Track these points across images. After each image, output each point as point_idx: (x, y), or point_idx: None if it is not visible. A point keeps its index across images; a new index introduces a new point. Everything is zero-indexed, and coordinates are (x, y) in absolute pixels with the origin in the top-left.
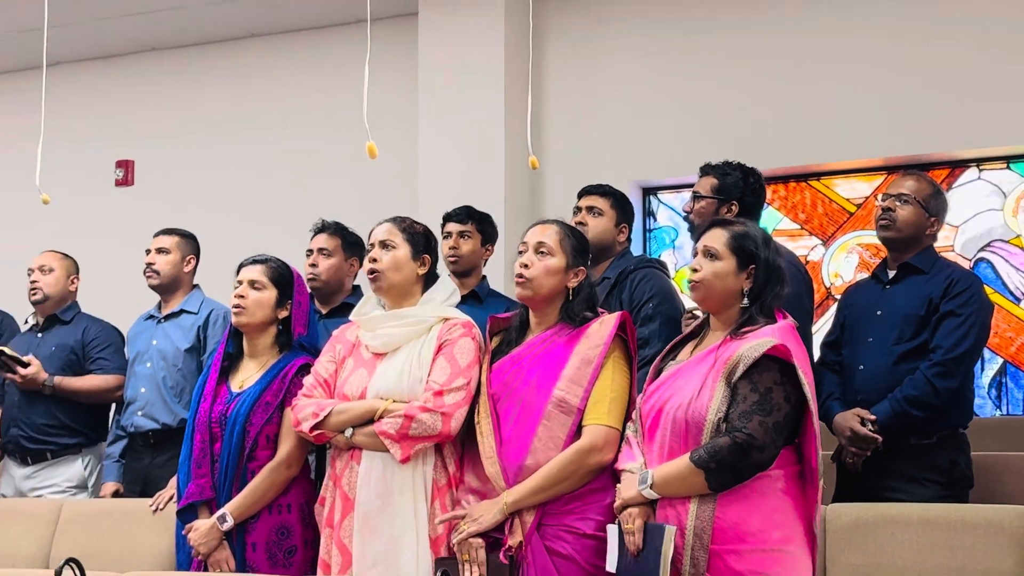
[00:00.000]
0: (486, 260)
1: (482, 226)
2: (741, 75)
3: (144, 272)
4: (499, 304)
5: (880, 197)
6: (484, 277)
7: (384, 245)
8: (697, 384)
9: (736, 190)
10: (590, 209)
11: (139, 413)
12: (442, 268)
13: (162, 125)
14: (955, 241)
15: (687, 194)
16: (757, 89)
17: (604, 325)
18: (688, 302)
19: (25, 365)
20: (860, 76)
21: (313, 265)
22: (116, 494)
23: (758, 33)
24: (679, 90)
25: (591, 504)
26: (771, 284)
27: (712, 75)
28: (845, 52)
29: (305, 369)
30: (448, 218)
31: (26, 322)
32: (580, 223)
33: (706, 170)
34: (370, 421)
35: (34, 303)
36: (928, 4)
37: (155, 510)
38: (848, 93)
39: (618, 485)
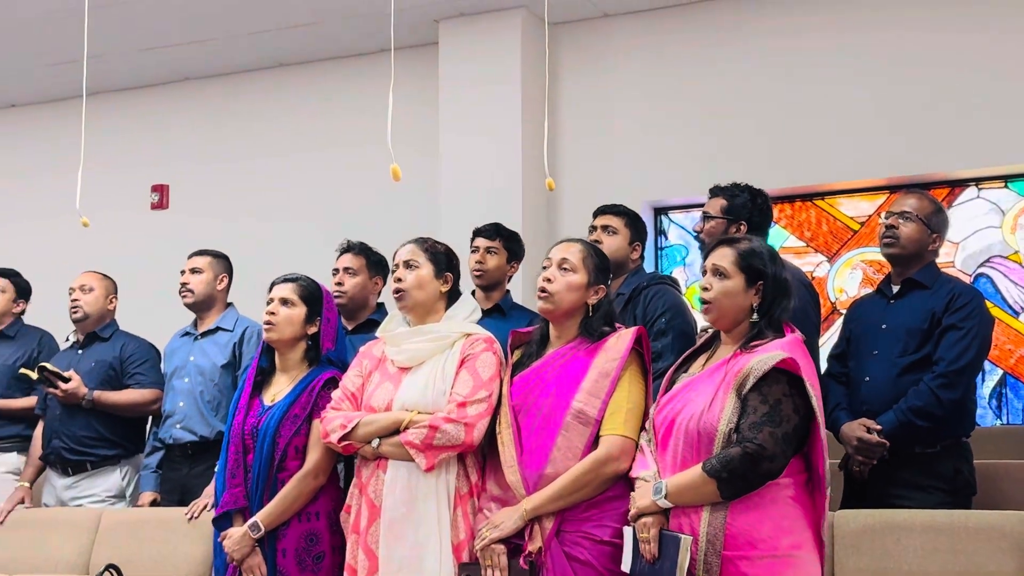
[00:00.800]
0: (511, 276)
1: (509, 243)
2: (748, 99)
3: (180, 291)
4: (522, 317)
5: (883, 215)
6: (508, 292)
7: (408, 265)
8: (708, 396)
9: (744, 210)
10: (605, 228)
11: (178, 426)
12: (466, 284)
13: (196, 151)
14: (956, 257)
15: (697, 213)
16: (763, 112)
17: (621, 339)
18: (699, 318)
19: (66, 380)
20: (862, 99)
21: (339, 283)
22: (153, 503)
23: (763, 59)
24: (688, 114)
25: (608, 511)
26: (779, 298)
27: (720, 99)
28: (847, 77)
29: (332, 383)
30: (477, 233)
31: (67, 339)
32: (596, 241)
33: (715, 192)
34: (396, 432)
35: (75, 321)
36: (927, 31)
37: (191, 518)
38: (851, 116)
39: (632, 493)
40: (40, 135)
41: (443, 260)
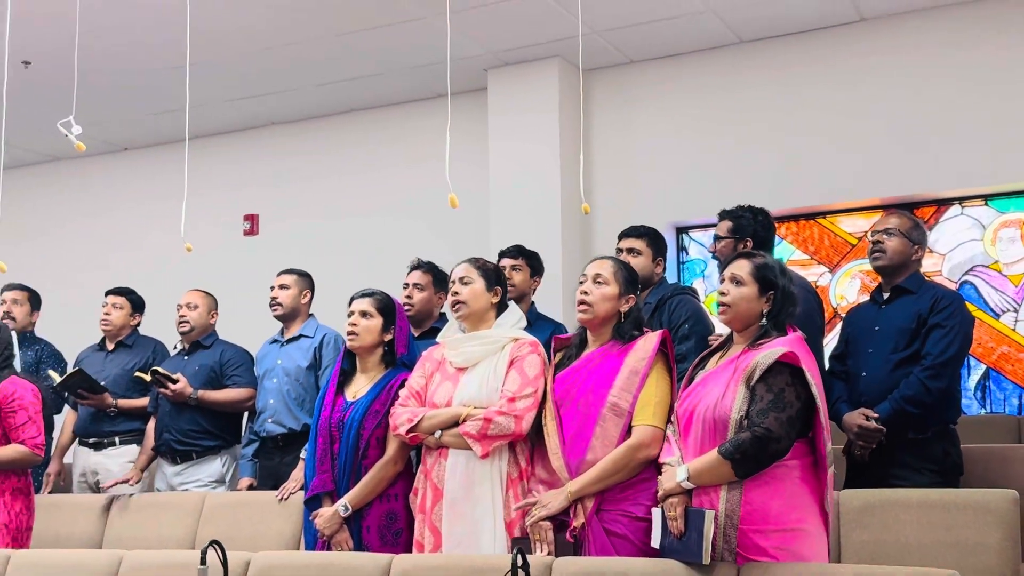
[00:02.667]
0: (534, 289)
1: (531, 261)
2: (757, 131)
3: (270, 304)
4: (546, 326)
5: (870, 233)
6: (533, 303)
7: (463, 280)
8: (721, 388)
9: (749, 228)
10: (630, 251)
11: (269, 420)
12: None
13: (281, 184)
14: (943, 267)
15: (713, 232)
16: (770, 142)
17: (648, 341)
18: (716, 322)
19: (175, 382)
20: (857, 129)
21: (409, 296)
22: (250, 487)
23: (769, 97)
24: (705, 145)
25: (641, 492)
26: (786, 307)
27: (732, 132)
28: (845, 109)
29: None
30: (502, 254)
31: (175, 347)
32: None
33: (723, 215)
34: (455, 424)
35: (182, 333)
36: (914, 71)
37: (281, 500)
38: (848, 144)
39: (659, 477)
40: (149, 174)
41: (493, 276)
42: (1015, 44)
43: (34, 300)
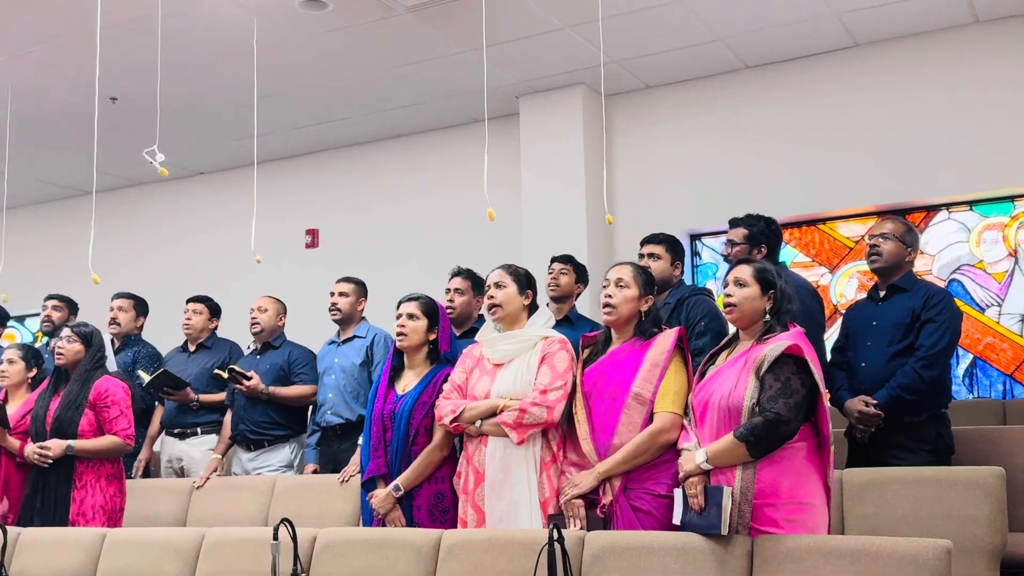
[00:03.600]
0: (578, 294)
1: (577, 268)
2: (761, 147)
3: (330, 309)
4: (585, 324)
5: (867, 237)
6: (574, 305)
7: (498, 285)
8: (734, 380)
9: (763, 236)
10: (650, 255)
11: (329, 412)
12: (542, 299)
13: (338, 202)
14: (932, 267)
15: (724, 238)
16: (774, 157)
17: (666, 337)
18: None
19: (249, 379)
20: (852, 144)
21: (451, 300)
22: (314, 472)
23: (773, 116)
24: (715, 160)
25: (663, 472)
26: (785, 304)
27: (739, 148)
28: (841, 126)
29: None
30: (554, 259)
31: (248, 348)
32: (645, 265)
33: (735, 222)
34: (493, 414)
35: (254, 335)
36: (902, 89)
37: (342, 482)
38: (844, 157)
39: (679, 460)
40: (223, 195)
41: (524, 280)
42: (994, 67)
43: (139, 306)
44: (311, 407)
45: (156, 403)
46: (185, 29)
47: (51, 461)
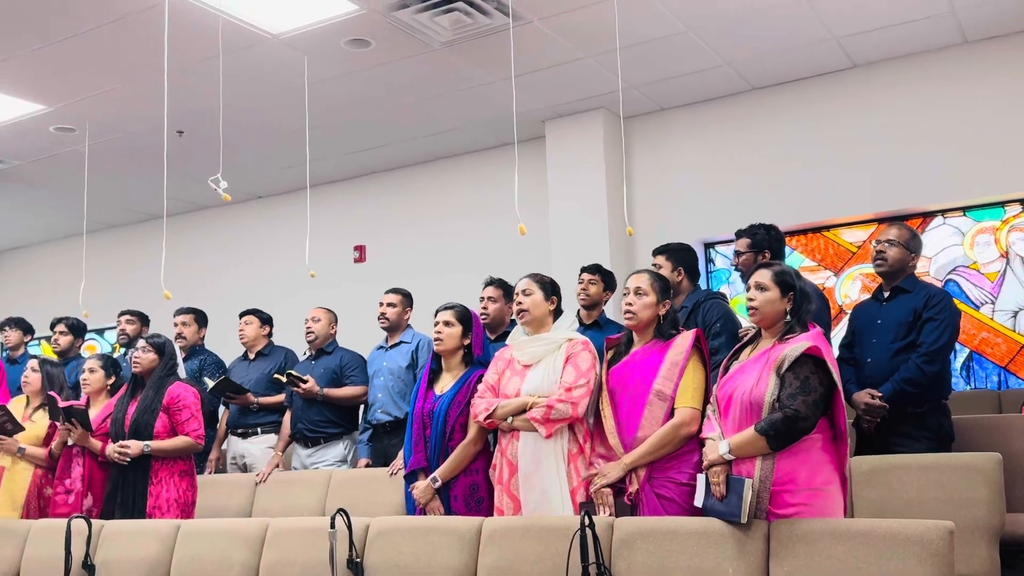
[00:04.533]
0: (606, 301)
1: (606, 277)
2: (768, 162)
3: (378, 318)
4: (612, 327)
5: (874, 242)
6: (603, 311)
7: (525, 292)
8: (755, 376)
9: (764, 243)
10: (655, 266)
11: (379, 411)
12: (570, 305)
13: (383, 221)
14: (930, 268)
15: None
16: (780, 170)
17: (684, 338)
18: (743, 320)
19: (305, 382)
20: (854, 156)
21: (484, 308)
22: (366, 466)
23: (779, 133)
24: (726, 175)
25: (684, 461)
26: (804, 304)
27: (748, 163)
28: (842, 141)
29: None
30: (584, 269)
31: (305, 354)
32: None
33: (740, 233)
34: (524, 411)
35: (309, 342)
36: (898, 106)
37: (391, 475)
38: (846, 169)
39: (704, 449)
40: (279, 216)
41: (549, 288)
42: (983, 83)
43: (200, 319)
44: (362, 406)
45: (222, 406)
46: (243, 68)
47: (130, 460)
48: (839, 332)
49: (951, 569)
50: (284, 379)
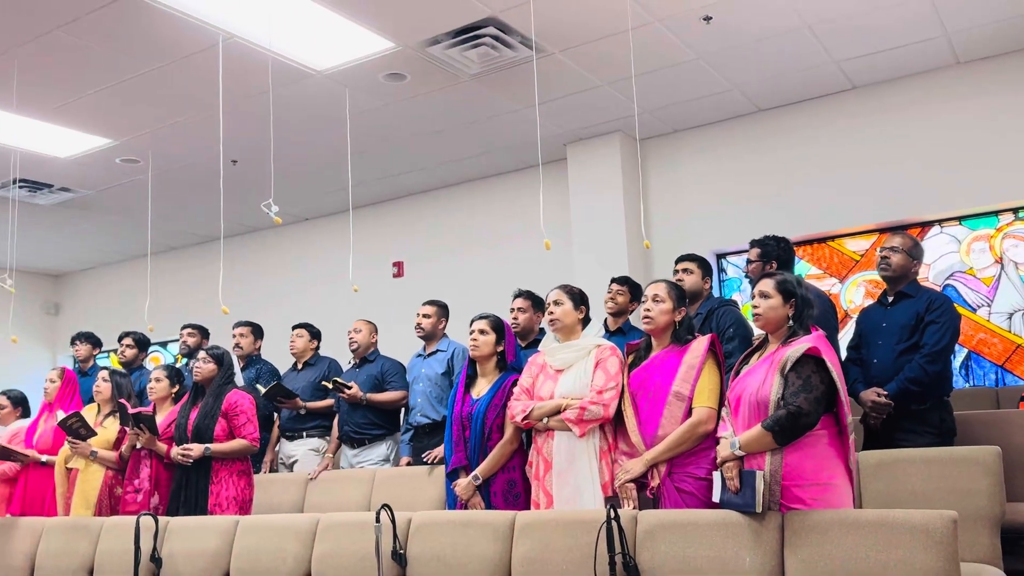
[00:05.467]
0: (632, 310)
1: (633, 289)
2: (776, 177)
3: (415, 327)
4: (637, 334)
5: (879, 250)
6: (628, 318)
7: (556, 303)
8: (762, 378)
9: (773, 252)
10: (684, 271)
11: (418, 414)
12: (596, 312)
13: (420, 239)
14: (929, 274)
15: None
16: (787, 185)
17: (700, 343)
18: (754, 326)
19: (349, 388)
20: (856, 171)
21: (515, 318)
22: (408, 464)
23: (784, 150)
24: (735, 190)
25: (703, 458)
26: (806, 310)
27: (757, 179)
28: (845, 156)
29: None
30: (613, 280)
31: (349, 362)
32: (679, 280)
33: (752, 243)
34: (557, 412)
35: (352, 351)
36: (896, 123)
37: (428, 462)
38: (849, 183)
39: (717, 447)
40: (325, 236)
41: (578, 298)
42: (975, 101)
43: (256, 331)
44: (403, 409)
45: (276, 411)
46: (291, 102)
47: (192, 461)
48: (846, 335)
49: (955, 556)
50: (330, 386)
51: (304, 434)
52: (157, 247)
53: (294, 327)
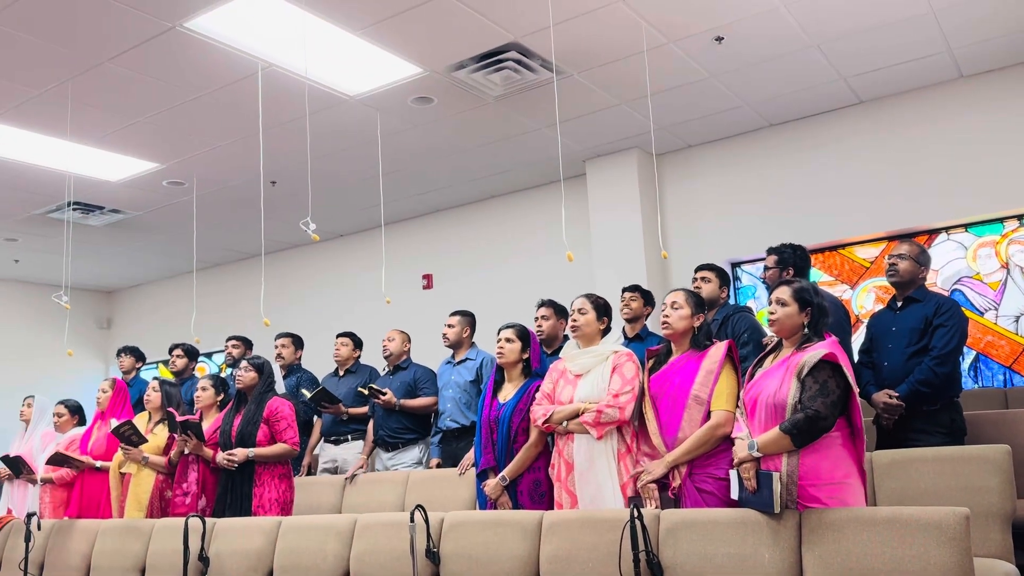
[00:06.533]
0: (647, 316)
1: (645, 295)
2: (787, 188)
3: (442, 337)
4: (653, 339)
5: (887, 257)
6: (645, 324)
7: (580, 311)
8: (778, 382)
9: (790, 260)
10: (703, 279)
11: (448, 419)
12: (615, 320)
13: (448, 252)
14: (937, 279)
15: (761, 265)
16: (798, 196)
17: (718, 348)
18: (767, 331)
19: (384, 394)
20: (865, 182)
21: (539, 326)
22: (438, 466)
23: (795, 163)
24: (748, 202)
25: (722, 459)
26: (822, 318)
27: (769, 190)
28: (853, 167)
29: None
30: (625, 289)
31: (384, 370)
32: (697, 287)
33: (770, 251)
34: (577, 416)
35: (386, 359)
36: (902, 136)
37: (460, 474)
38: (858, 193)
39: (734, 448)
40: (358, 251)
41: (602, 308)
42: (978, 112)
43: (297, 342)
44: (433, 414)
45: (315, 417)
46: (326, 125)
47: (236, 465)
48: (857, 340)
49: (968, 551)
50: (366, 392)
51: (349, 437)
52: (202, 264)
53: (338, 335)
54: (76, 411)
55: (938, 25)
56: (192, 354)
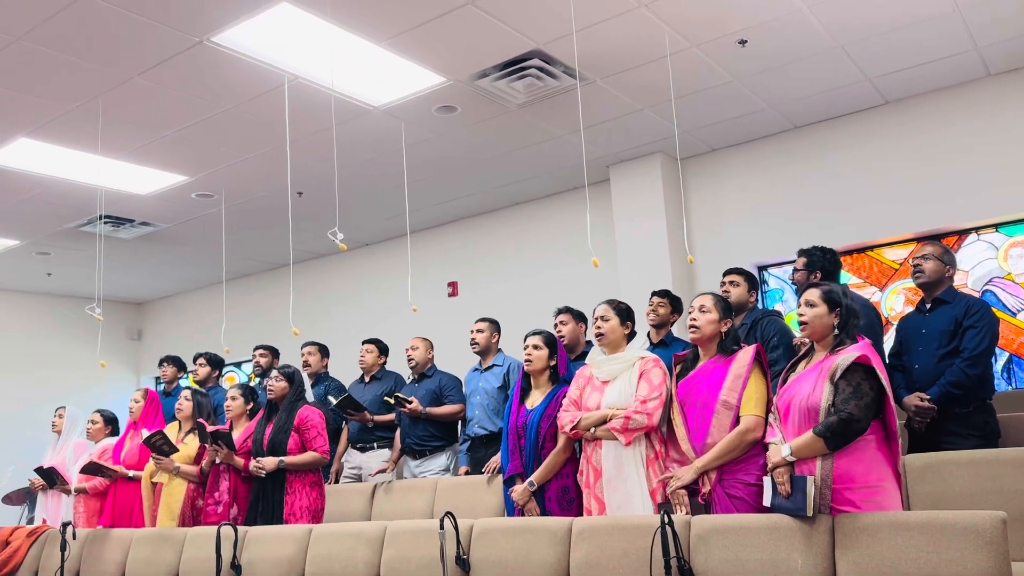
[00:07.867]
0: (673, 322)
1: (673, 301)
2: (814, 190)
3: (470, 343)
4: (679, 345)
5: (912, 260)
6: (671, 330)
7: (603, 318)
8: (811, 385)
9: (818, 263)
10: (732, 283)
11: (476, 426)
12: (640, 325)
13: (473, 260)
14: (968, 281)
15: (788, 268)
16: (825, 198)
17: (746, 353)
18: (797, 334)
19: (410, 402)
20: (893, 183)
21: (559, 332)
22: (466, 473)
23: (822, 165)
24: (774, 205)
25: (751, 464)
26: (852, 319)
27: (795, 193)
28: (881, 168)
29: None
30: (654, 293)
31: (408, 378)
32: (726, 292)
33: (800, 253)
34: (604, 422)
35: (411, 367)
36: (930, 135)
37: (488, 479)
38: (887, 194)
39: (768, 453)
40: (385, 260)
41: (625, 313)
42: (1007, 110)
43: (323, 351)
44: (460, 421)
45: (343, 424)
46: (351, 136)
47: (267, 474)
48: (887, 342)
49: (1006, 556)
50: (392, 401)
51: (375, 445)
52: (231, 274)
53: (364, 342)
54: (110, 421)
55: (964, 23)
56: (215, 363)
